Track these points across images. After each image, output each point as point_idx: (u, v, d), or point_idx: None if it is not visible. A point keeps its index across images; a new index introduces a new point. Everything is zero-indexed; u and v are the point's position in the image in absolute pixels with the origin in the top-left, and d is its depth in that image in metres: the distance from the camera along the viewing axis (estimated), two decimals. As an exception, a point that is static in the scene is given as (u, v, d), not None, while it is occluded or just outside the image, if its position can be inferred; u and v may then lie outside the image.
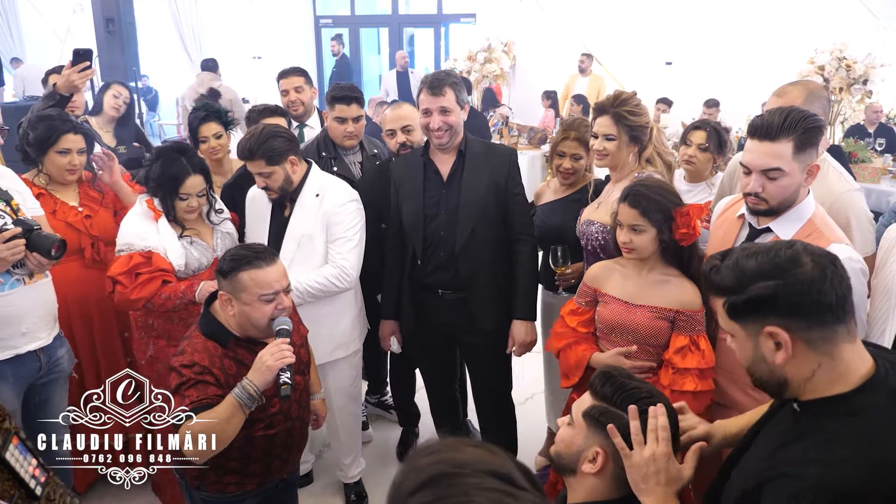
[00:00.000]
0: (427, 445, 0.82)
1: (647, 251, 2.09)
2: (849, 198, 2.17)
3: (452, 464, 0.77)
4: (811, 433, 1.21)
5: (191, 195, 2.49)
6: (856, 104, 7.09)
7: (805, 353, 1.20)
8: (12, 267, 2.25)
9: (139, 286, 2.40)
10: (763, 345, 1.22)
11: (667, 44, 9.47)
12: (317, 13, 13.17)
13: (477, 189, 2.60)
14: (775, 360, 1.21)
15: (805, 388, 1.23)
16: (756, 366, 1.26)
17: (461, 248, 2.61)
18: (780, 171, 1.76)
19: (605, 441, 1.43)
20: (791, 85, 2.27)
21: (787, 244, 1.25)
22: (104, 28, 7.88)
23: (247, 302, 1.89)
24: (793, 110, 1.78)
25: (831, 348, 1.20)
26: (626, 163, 2.47)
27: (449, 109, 2.54)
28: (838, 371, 1.21)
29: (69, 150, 2.66)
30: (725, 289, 1.25)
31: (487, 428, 3.02)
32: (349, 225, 2.63)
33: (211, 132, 3.18)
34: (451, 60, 9.77)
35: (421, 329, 2.82)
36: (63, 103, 3.03)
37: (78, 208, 2.76)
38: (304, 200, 2.63)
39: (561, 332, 2.32)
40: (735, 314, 1.25)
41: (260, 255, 1.92)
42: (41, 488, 1.42)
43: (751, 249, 1.27)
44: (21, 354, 2.32)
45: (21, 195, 2.40)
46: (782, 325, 1.19)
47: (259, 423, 1.95)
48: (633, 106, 2.42)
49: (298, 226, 2.62)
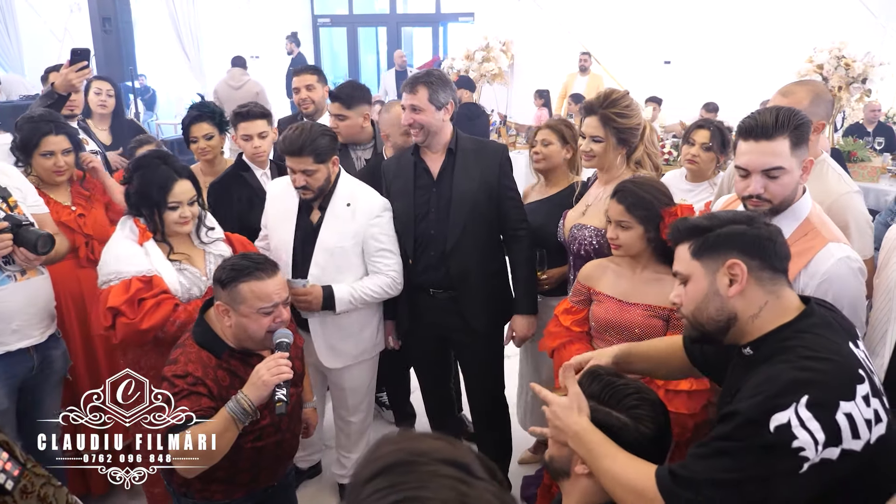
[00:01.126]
0: (388, 437, 0.83)
1: (633, 248, 2.09)
2: (848, 200, 2.15)
3: (410, 452, 0.78)
4: (764, 368, 1.30)
5: (181, 203, 2.27)
6: (854, 103, 7.07)
7: (755, 290, 1.36)
8: (4, 263, 2.23)
9: (148, 314, 2.15)
10: (719, 280, 1.38)
11: (665, 43, 9.45)
12: (315, 12, 13.17)
13: (468, 187, 2.59)
14: (729, 294, 1.37)
15: (751, 326, 1.38)
16: (707, 303, 1.40)
17: (452, 248, 2.60)
18: (781, 169, 1.75)
19: None
20: (796, 85, 2.25)
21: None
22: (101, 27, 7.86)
23: (245, 314, 1.85)
24: (781, 108, 1.78)
25: (778, 289, 1.38)
26: (614, 165, 2.45)
27: (419, 108, 2.53)
28: (783, 306, 1.37)
29: (53, 153, 2.60)
30: (698, 229, 1.42)
31: (481, 427, 3.01)
32: (388, 237, 2.63)
33: (202, 133, 3.11)
34: (450, 59, 9.75)
35: (414, 329, 2.81)
36: (61, 103, 3.02)
37: (71, 207, 2.73)
38: (336, 209, 2.57)
39: (555, 332, 2.31)
40: (700, 251, 1.40)
41: (260, 267, 1.87)
42: (12, 482, 1.40)
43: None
44: (12, 352, 2.30)
45: (22, 192, 2.38)
46: (742, 260, 1.35)
47: (249, 434, 1.90)
48: (622, 107, 2.37)
49: (330, 236, 2.56)
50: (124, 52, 8.20)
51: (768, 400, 1.22)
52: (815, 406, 1.19)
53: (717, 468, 1.23)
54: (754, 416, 1.22)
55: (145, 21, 10.73)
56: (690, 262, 1.42)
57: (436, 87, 2.54)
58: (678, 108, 8.17)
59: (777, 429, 1.19)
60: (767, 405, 1.21)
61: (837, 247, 1.76)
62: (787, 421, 1.18)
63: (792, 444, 1.18)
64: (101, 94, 3.95)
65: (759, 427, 1.20)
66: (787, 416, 1.19)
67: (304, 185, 2.49)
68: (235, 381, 1.88)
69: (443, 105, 2.56)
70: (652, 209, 2.03)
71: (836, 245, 1.76)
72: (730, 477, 1.22)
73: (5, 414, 2.31)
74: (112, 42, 7.94)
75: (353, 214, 2.57)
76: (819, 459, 1.19)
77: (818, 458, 1.19)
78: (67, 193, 2.76)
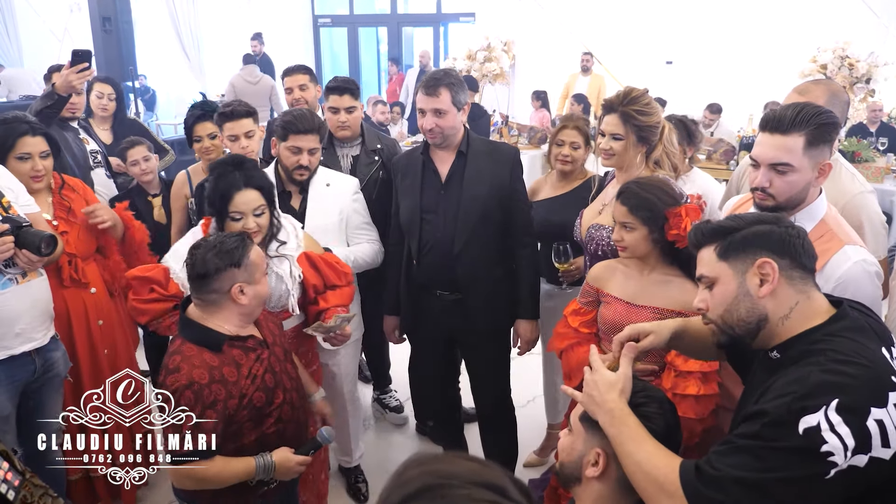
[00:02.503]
0: (416, 457, 0.78)
1: (639, 250, 2.06)
2: (862, 199, 2.12)
3: (440, 475, 0.74)
4: (792, 370, 1.27)
5: (244, 214, 2.17)
6: (858, 103, 7.06)
7: (786, 290, 1.33)
8: (4, 266, 2.18)
9: (146, 303, 2.24)
10: (750, 281, 1.34)
11: (667, 43, 9.44)
12: (315, 12, 13.14)
13: (478, 191, 2.55)
14: (760, 294, 1.33)
15: (781, 328, 1.34)
16: (737, 305, 1.36)
17: (460, 251, 2.57)
18: (788, 165, 1.70)
19: (605, 441, 1.40)
20: (813, 83, 2.22)
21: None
22: (101, 27, 7.83)
23: (259, 280, 1.92)
24: (807, 105, 1.73)
25: (808, 290, 1.35)
26: (634, 163, 2.39)
27: (443, 111, 2.47)
28: (813, 308, 1.34)
29: (29, 155, 2.44)
30: (722, 231, 1.39)
31: (487, 430, 2.99)
32: (364, 212, 2.82)
33: (206, 132, 3.09)
34: (451, 59, 9.74)
35: (420, 329, 2.80)
36: (61, 104, 2.98)
37: (53, 221, 2.53)
38: (318, 190, 2.70)
39: (563, 333, 2.29)
40: (727, 252, 1.37)
41: (244, 236, 1.97)
42: (14, 492, 1.38)
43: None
44: (16, 356, 2.25)
45: (14, 192, 2.31)
46: (773, 259, 1.32)
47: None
48: (643, 105, 2.33)
49: (317, 216, 2.67)
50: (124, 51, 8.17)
51: (796, 401, 1.18)
52: (846, 410, 1.15)
53: (744, 467, 1.20)
54: (783, 416, 1.18)
55: (145, 21, 10.69)
56: (717, 263, 1.39)
57: (456, 87, 2.49)
58: (681, 108, 8.15)
59: (806, 431, 1.15)
60: (796, 406, 1.18)
61: (854, 249, 1.72)
62: (816, 424, 1.15)
63: (821, 449, 1.15)
64: (102, 98, 3.93)
65: (788, 428, 1.17)
66: (816, 420, 1.15)
67: (307, 164, 2.61)
68: (242, 372, 1.85)
69: (462, 106, 2.52)
70: (655, 210, 2.00)
71: (853, 248, 1.73)
72: (757, 477, 1.18)
73: (7, 420, 2.27)
74: (112, 42, 7.91)
75: (334, 193, 2.72)
76: (847, 466, 1.15)
77: (846, 464, 1.15)
78: (48, 204, 2.56)
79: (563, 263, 2.67)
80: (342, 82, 3.11)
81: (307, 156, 2.60)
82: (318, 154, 2.66)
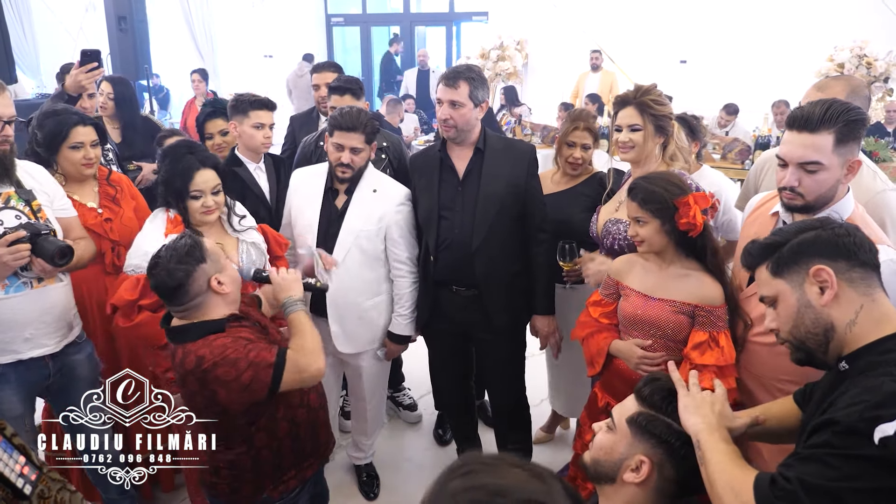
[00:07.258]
0: (462, 464, 0.74)
1: (655, 243, 2.07)
2: (884, 197, 2.09)
3: (490, 491, 0.70)
4: (861, 380, 1.23)
5: (204, 192, 2.32)
6: (875, 103, 6.99)
7: (848, 294, 1.29)
8: (21, 270, 2.15)
9: (137, 325, 2.19)
10: (809, 291, 1.31)
11: (681, 42, 9.39)
12: (328, 11, 13.18)
13: (495, 188, 2.56)
14: (821, 302, 1.30)
15: (850, 334, 1.30)
16: (802, 318, 1.33)
17: (477, 248, 2.57)
18: (818, 164, 1.68)
19: (652, 450, 1.38)
20: (833, 79, 2.20)
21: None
22: (116, 26, 7.86)
23: (226, 266, 1.91)
24: (835, 101, 1.70)
25: (871, 291, 1.30)
26: (652, 155, 2.40)
27: (460, 104, 2.49)
28: (881, 312, 1.29)
29: (82, 144, 2.51)
30: (769, 247, 1.37)
31: (502, 427, 2.99)
32: (409, 224, 2.73)
33: (217, 129, 3.12)
34: (464, 58, 9.74)
35: (436, 324, 2.80)
36: (71, 104, 2.98)
37: (97, 210, 2.61)
38: (363, 194, 2.65)
39: (584, 322, 2.33)
40: (779, 268, 1.35)
41: (192, 233, 2.01)
42: (30, 486, 1.38)
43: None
44: (24, 360, 2.22)
45: (49, 196, 2.31)
46: (827, 265, 1.29)
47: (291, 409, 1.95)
48: (656, 95, 2.38)
49: (356, 220, 2.63)
50: (139, 50, 8.19)
51: (869, 410, 1.15)
52: None
53: (816, 475, 1.17)
54: (856, 426, 1.15)
55: (159, 20, 10.77)
56: (773, 281, 1.37)
57: (476, 83, 2.52)
58: (695, 108, 8.10)
59: (882, 441, 1.12)
60: (869, 415, 1.14)
61: (882, 249, 1.69)
62: (893, 433, 1.12)
63: None
64: (102, 97, 3.89)
65: (863, 437, 1.14)
66: (892, 429, 1.12)
67: (349, 162, 2.56)
68: (255, 344, 1.83)
69: (479, 102, 2.54)
70: (664, 202, 2.01)
71: (881, 247, 1.69)
72: (832, 486, 1.15)
73: (20, 419, 2.24)
74: (127, 41, 7.93)
75: (379, 200, 2.65)
76: None
77: None
78: (94, 193, 2.63)
79: (567, 262, 2.66)
80: (343, 82, 3.12)
81: (349, 154, 2.55)
82: (362, 154, 2.60)
